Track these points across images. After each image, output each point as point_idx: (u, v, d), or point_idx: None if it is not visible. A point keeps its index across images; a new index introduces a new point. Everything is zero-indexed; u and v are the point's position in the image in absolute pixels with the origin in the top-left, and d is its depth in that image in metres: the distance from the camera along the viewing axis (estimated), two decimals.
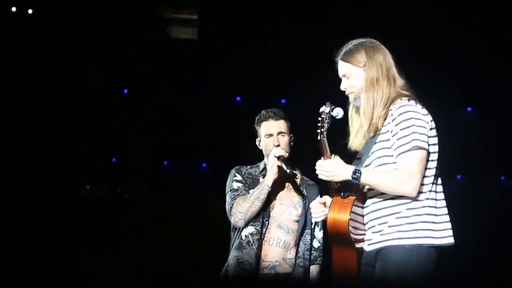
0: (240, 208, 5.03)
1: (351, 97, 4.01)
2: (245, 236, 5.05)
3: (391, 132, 3.83)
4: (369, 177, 3.85)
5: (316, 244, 5.19)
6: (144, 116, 9.42)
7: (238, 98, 9.51)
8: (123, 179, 9.52)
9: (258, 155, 5.28)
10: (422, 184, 3.82)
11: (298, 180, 5.23)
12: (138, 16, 8.92)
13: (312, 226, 5.19)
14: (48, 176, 9.18)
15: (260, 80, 9.14)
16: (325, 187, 4.20)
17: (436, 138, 3.90)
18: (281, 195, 5.14)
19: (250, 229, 5.05)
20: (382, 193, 3.87)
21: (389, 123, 3.85)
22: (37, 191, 9.13)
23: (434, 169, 3.87)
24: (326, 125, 4.08)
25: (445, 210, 3.89)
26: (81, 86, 9.09)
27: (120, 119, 9.40)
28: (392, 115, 3.84)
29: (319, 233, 5.20)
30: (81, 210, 9.30)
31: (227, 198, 5.15)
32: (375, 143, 3.91)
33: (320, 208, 4.20)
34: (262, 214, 5.03)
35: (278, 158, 4.97)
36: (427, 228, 3.80)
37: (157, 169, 9.65)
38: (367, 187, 3.96)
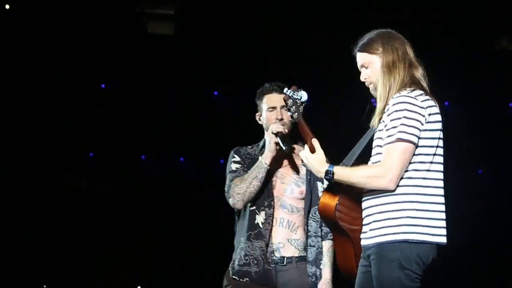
0: (238, 189, 4.78)
1: (371, 88, 3.93)
2: (262, 223, 4.78)
3: (384, 123, 3.78)
4: (343, 176, 3.81)
5: None
6: (121, 110, 9.42)
7: (215, 93, 9.54)
8: (103, 173, 9.53)
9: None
10: (409, 178, 3.74)
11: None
12: (117, 11, 8.91)
13: None
14: (29, 170, 9.18)
15: (237, 74, 9.17)
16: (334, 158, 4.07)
17: (438, 132, 3.80)
18: (282, 172, 4.87)
19: (262, 214, 4.79)
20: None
21: (385, 113, 3.80)
22: (18, 184, 9.13)
23: (429, 163, 3.77)
24: (293, 107, 4.07)
25: (441, 207, 3.78)
26: (60, 80, 9.09)
27: (98, 114, 9.40)
28: (388, 105, 3.79)
29: None
30: (61, 203, 9.31)
31: (226, 180, 4.87)
32: (375, 133, 3.87)
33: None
34: (267, 195, 4.80)
35: (276, 134, 4.72)
36: (414, 224, 3.71)
37: (135, 163, 9.66)
38: None
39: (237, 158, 4.93)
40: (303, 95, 4.13)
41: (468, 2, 8.52)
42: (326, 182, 4.03)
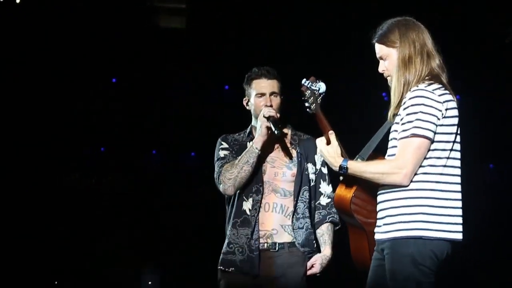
0: (229, 175, 4.71)
1: (388, 80, 3.92)
2: (249, 210, 4.74)
3: (400, 116, 3.76)
4: (357, 171, 3.81)
5: (324, 201, 4.86)
6: (132, 105, 9.40)
7: (226, 87, 9.51)
8: (112, 169, 9.51)
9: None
10: (425, 173, 3.72)
11: (288, 138, 4.89)
12: (127, 5, 8.89)
13: (316, 183, 4.85)
14: (36, 166, 9.16)
15: (249, 69, 9.11)
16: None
17: (455, 127, 3.77)
18: (272, 157, 4.81)
19: (250, 201, 4.73)
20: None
21: (401, 107, 3.78)
22: (24, 180, 9.11)
23: (446, 159, 3.74)
24: (311, 98, 4.04)
25: (458, 204, 3.76)
26: (70, 75, 9.07)
27: (109, 108, 9.39)
28: (405, 99, 3.76)
29: (327, 188, 4.88)
30: (68, 200, 9.30)
31: (215, 168, 4.83)
32: (392, 127, 3.84)
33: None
34: (255, 180, 4.73)
35: (268, 118, 4.66)
36: (429, 220, 3.70)
37: (145, 158, 9.64)
38: None
39: (225, 145, 4.90)
40: (321, 86, 4.09)
41: None
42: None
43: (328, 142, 3.96)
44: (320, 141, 3.98)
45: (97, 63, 9.11)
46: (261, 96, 4.83)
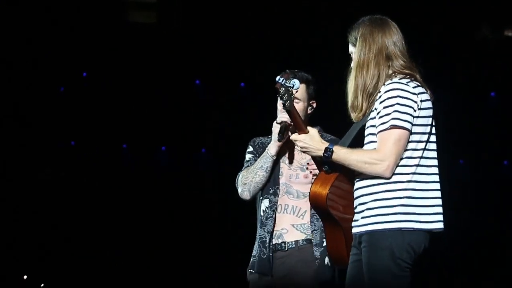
0: (244, 179, 4.77)
1: None
2: (263, 211, 4.77)
3: (377, 110, 3.76)
4: (341, 156, 3.77)
5: None
6: (102, 99, 9.37)
7: (197, 81, 9.50)
8: (82, 163, 9.48)
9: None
10: (403, 165, 3.73)
11: None
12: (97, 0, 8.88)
13: None
14: (8, 160, 9.11)
15: (219, 63, 9.14)
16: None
17: (430, 118, 3.79)
18: (290, 159, 4.81)
19: (266, 202, 4.77)
20: (361, 173, 3.80)
21: (377, 101, 3.77)
22: None
23: (422, 150, 3.76)
24: (285, 95, 3.99)
25: (436, 194, 3.78)
26: (40, 69, 9.03)
27: (79, 102, 9.35)
28: (380, 93, 3.77)
29: None
30: (41, 193, 9.26)
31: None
32: (367, 121, 3.84)
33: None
34: (273, 182, 4.76)
35: (280, 124, 4.63)
36: (407, 212, 3.71)
37: (116, 152, 9.62)
38: None
39: (251, 149, 4.92)
40: (296, 83, 4.04)
41: None
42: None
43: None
44: (297, 136, 3.96)
45: (67, 57, 9.06)
46: None
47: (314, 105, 4.83)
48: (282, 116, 4.61)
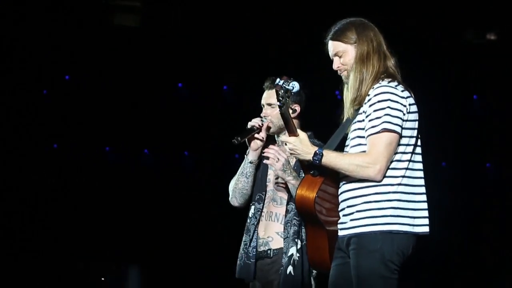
0: (230, 186, 4.81)
1: (344, 76, 3.92)
2: (249, 217, 4.77)
3: (366, 113, 3.77)
4: (331, 159, 3.77)
5: None
6: (86, 102, 9.35)
7: (179, 84, 9.50)
8: (66, 166, 9.45)
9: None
10: (393, 168, 3.75)
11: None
12: (81, 2, 8.85)
13: None
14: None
15: (202, 67, 9.14)
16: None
17: (416, 122, 3.82)
18: None
19: (252, 208, 4.76)
20: (349, 176, 3.80)
21: (366, 104, 3.78)
22: None
23: (410, 154, 3.79)
24: (283, 98, 3.97)
25: (423, 197, 3.80)
26: (23, 72, 9.00)
27: (62, 106, 9.33)
28: (369, 96, 3.78)
29: None
30: (25, 196, 9.23)
31: None
32: (353, 124, 3.85)
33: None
34: (259, 189, 4.76)
35: (247, 127, 4.67)
36: (397, 215, 3.72)
37: (99, 155, 9.60)
38: None
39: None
40: (295, 85, 4.01)
41: None
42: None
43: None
44: (287, 136, 3.96)
45: (51, 60, 9.04)
46: (263, 107, 4.82)
47: (298, 108, 4.76)
48: (255, 120, 4.67)
